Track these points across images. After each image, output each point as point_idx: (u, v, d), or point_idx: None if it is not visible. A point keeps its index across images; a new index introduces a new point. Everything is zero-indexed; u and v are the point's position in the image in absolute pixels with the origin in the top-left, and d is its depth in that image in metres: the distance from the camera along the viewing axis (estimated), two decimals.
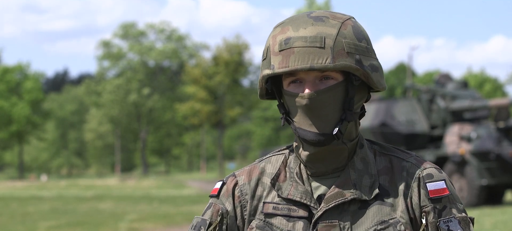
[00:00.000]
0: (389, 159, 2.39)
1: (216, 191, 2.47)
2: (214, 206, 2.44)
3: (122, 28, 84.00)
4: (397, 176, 2.36)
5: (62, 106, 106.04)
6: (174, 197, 35.16)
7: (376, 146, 2.43)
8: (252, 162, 2.55)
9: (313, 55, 2.26)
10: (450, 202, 2.35)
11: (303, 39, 2.28)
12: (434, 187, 2.34)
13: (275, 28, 2.35)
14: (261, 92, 2.41)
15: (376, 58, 2.36)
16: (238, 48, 70.24)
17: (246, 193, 2.43)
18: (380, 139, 23.32)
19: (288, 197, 2.36)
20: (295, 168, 2.39)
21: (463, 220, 2.34)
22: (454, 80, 24.66)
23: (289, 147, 2.47)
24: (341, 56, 2.28)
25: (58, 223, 20.89)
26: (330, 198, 2.32)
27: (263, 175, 2.44)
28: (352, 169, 2.35)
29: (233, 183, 2.45)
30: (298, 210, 2.35)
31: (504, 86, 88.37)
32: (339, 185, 2.33)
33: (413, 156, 2.40)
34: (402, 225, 2.31)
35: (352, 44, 2.30)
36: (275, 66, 2.29)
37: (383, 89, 2.37)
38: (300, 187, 2.36)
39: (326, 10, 2.38)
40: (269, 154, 2.50)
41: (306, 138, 2.31)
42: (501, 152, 21.59)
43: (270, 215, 2.38)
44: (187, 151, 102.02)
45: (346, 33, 2.31)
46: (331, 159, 2.34)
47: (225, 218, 2.42)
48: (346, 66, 2.28)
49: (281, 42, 2.30)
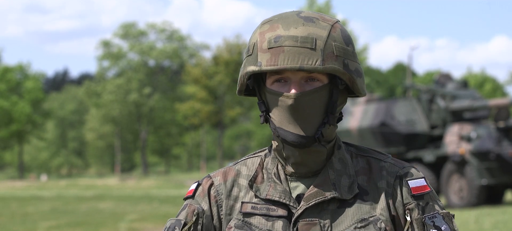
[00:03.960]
0: (367, 160, 2.40)
1: (191, 192, 2.46)
2: (189, 206, 2.43)
3: (122, 28, 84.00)
4: (376, 176, 2.37)
5: (62, 106, 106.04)
6: (174, 197, 35.14)
7: (352, 147, 2.44)
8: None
9: (303, 55, 2.25)
10: (431, 199, 2.36)
11: (293, 38, 2.26)
12: (416, 184, 2.36)
13: (263, 25, 2.32)
14: (241, 88, 2.39)
15: (358, 62, 2.36)
16: (238, 48, 70.25)
17: (222, 193, 2.42)
18: (380, 139, 23.33)
19: (266, 197, 2.35)
20: (272, 168, 2.39)
21: (446, 215, 2.36)
22: (454, 80, 24.66)
23: (264, 150, 2.46)
24: (331, 59, 2.27)
25: (58, 223, 20.89)
26: (310, 197, 2.32)
27: (239, 177, 2.43)
28: (330, 169, 2.35)
29: (208, 184, 2.44)
30: (277, 210, 2.34)
31: (504, 86, 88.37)
32: (318, 184, 2.33)
33: (390, 157, 2.42)
34: (382, 223, 2.32)
35: (341, 48, 2.30)
36: (263, 64, 2.27)
37: (364, 95, 2.37)
38: (279, 187, 2.35)
39: (315, 11, 2.37)
40: (243, 157, 2.49)
41: (287, 139, 2.30)
42: (501, 151, 21.60)
43: (248, 214, 2.37)
44: (187, 150, 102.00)
45: (336, 36, 2.30)
46: (310, 160, 2.34)
47: (201, 217, 2.40)
48: (335, 70, 2.28)
49: (270, 39, 2.28)
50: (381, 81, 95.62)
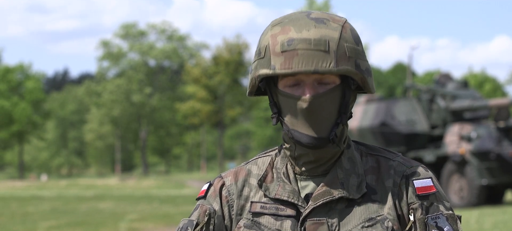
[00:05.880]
0: (376, 159, 2.41)
1: (203, 193, 2.47)
2: (202, 206, 2.44)
3: (122, 28, 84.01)
4: (384, 175, 2.38)
5: (62, 106, 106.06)
6: (174, 197, 35.15)
7: (362, 146, 2.44)
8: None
9: (317, 58, 2.26)
10: (437, 200, 2.36)
11: (307, 41, 2.27)
12: (421, 184, 2.36)
13: (274, 27, 2.33)
14: (252, 89, 2.40)
15: (367, 60, 2.38)
16: (238, 48, 70.24)
17: (233, 193, 2.43)
18: (380, 139, 23.32)
19: (275, 197, 2.36)
20: (282, 168, 2.40)
21: (451, 217, 2.35)
22: (454, 80, 24.65)
23: (275, 149, 2.48)
24: (344, 60, 2.29)
25: (58, 223, 20.88)
26: (318, 196, 2.33)
27: (250, 176, 2.45)
28: (339, 168, 2.36)
29: (220, 184, 2.46)
30: (286, 209, 2.35)
31: (504, 86, 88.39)
32: (327, 183, 2.34)
33: (400, 156, 2.42)
34: (389, 222, 2.32)
35: (352, 48, 2.31)
36: (276, 67, 2.28)
37: (373, 92, 2.39)
38: (287, 186, 2.36)
39: (323, 11, 2.38)
40: (255, 156, 2.50)
41: (302, 141, 2.31)
42: (501, 151, 21.60)
43: (257, 214, 2.38)
44: (187, 150, 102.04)
45: (347, 37, 2.31)
46: (323, 158, 2.35)
47: (213, 218, 2.42)
48: (348, 71, 2.29)
49: (283, 42, 2.28)
50: (381, 81, 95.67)
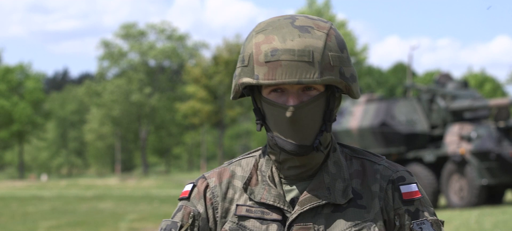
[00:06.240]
0: (361, 162, 2.40)
1: (186, 194, 2.44)
2: (185, 208, 2.41)
3: (123, 28, 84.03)
4: (370, 179, 2.37)
5: (62, 106, 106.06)
6: (174, 197, 35.14)
7: (347, 149, 2.43)
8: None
9: (301, 69, 2.24)
10: (421, 205, 2.37)
11: (290, 52, 2.24)
12: (407, 189, 2.36)
13: (258, 34, 2.30)
14: (236, 95, 2.38)
15: (352, 65, 2.36)
16: (238, 48, 70.26)
17: (217, 195, 2.40)
18: (380, 139, 23.31)
19: (261, 201, 2.34)
20: (267, 171, 2.37)
21: (435, 222, 2.36)
22: (454, 80, 24.64)
23: (258, 150, 2.45)
24: (328, 70, 2.27)
25: (58, 223, 20.89)
26: (305, 201, 2.32)
27: (234, 178, 2.42)
28: (325, 173, 2.34)
29: (204, 185, 2.43)
30: (272, 213, 2.34)
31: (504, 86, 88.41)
32: (313, 188, 2.33)
33: (384, 159, 2.41)
34: (375, 227, 2.32)
35: (337, 57, 2.29)
36: (260, 77, 2.26)
37: (358, 98, 2.38)
38: (273, 191, 2.34)
39: (306, 15, 2.36)
40: (238, 157, 2.48)
41: (285, 148, 2.29)
42: (501, 151, 21.59)
43: (243, 217, 2.36)
44: (188, 150, 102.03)
45: (332, 45, 2.29)
46: (307, 164, 2.33)
47: (197, 220, 2.39)
48: (332, 80, 2.27)
49: (266, 53, 2.26)
50: (381, 81, 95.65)
